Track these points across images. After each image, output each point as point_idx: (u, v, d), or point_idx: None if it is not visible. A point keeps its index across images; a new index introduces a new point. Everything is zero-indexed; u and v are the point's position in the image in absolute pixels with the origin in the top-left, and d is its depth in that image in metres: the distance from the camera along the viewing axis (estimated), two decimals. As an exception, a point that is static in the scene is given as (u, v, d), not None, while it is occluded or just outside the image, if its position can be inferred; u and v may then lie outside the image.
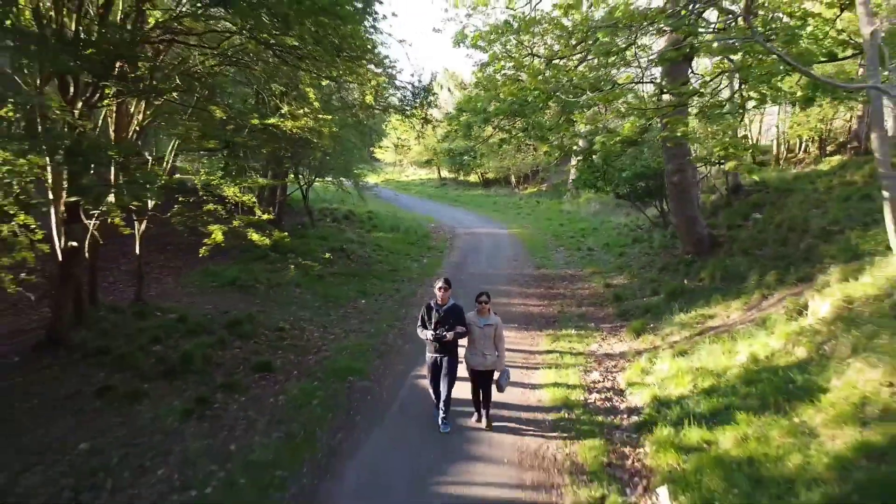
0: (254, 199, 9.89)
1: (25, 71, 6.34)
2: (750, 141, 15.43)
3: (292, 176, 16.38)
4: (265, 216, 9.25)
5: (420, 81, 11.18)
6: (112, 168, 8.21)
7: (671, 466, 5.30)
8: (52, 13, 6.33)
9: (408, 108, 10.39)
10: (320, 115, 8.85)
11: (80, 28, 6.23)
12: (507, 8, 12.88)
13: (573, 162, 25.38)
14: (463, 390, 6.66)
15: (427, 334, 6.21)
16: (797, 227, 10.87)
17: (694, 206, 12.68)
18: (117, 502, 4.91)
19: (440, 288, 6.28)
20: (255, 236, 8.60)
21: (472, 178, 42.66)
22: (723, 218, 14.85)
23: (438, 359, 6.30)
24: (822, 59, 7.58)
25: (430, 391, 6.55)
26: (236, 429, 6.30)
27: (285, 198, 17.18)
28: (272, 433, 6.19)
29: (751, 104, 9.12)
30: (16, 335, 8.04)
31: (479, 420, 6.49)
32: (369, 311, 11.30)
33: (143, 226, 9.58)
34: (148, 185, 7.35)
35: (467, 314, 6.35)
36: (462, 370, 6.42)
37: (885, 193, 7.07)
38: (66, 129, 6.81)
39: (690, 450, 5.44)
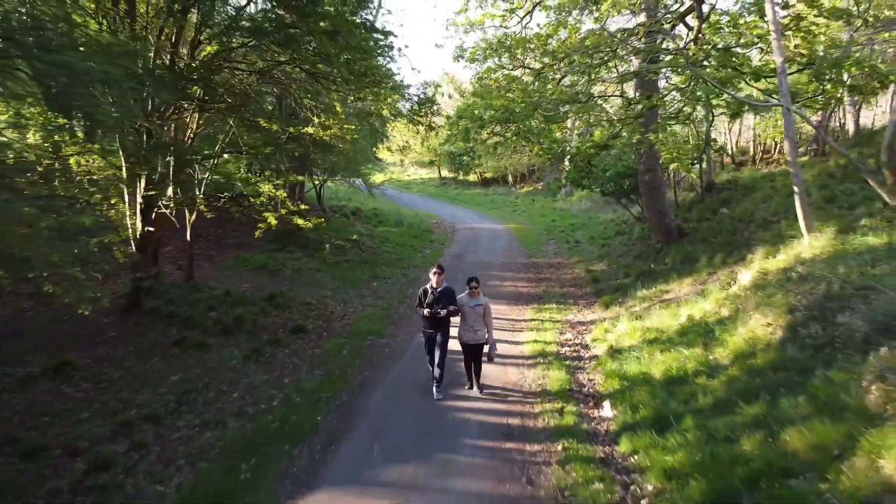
0: (285, 195, 11.75)
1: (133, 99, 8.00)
2: (717, 144, 17.19)
3: (307, 175, 18.21)
4: (303, 207, 11.09)
5: (425, 94, 12.95)
6: (171, 167, 10.05)
7: (614, 389, 7.15)
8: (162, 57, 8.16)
9: (415, 117, 12.21)
10: (345, 125, 10.71)
11: (180, 66, 8.04)
12: (500, 27, 14.78)
13: (566, 162, 27.17)
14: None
15: (424, 311, 7.15)
16: (745, 219, 12.74)
17: (663, 202, 14.53)
18: (209, 411, 6.76)
19: (435, 273, 7.32)
20: (300, 221, 10.45)
21: (472, 177, 44.47)
22: (696, 212, 16.71)
23: (433, 334, 7.26)
24: (749, 81, 9.40)
25: (428, 363, 7.47)
26: (286, 369, 8.16)
27: (304, 194, 19.03)
28: (314, 372, 8.06)
29: (698, 115, 10.94)
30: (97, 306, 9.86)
31: (470, 388, 7.41)
32: (381, 291, 13.17)
33: (192, 216, 11.41)
34: (197, 182, 9.19)
35: (459, 296, 7.28)
36: (455, 345, 7.32)
37: (796, 189, 8.94)
38: (146, 138, 8.68)
39: (629, 378, 7.29)
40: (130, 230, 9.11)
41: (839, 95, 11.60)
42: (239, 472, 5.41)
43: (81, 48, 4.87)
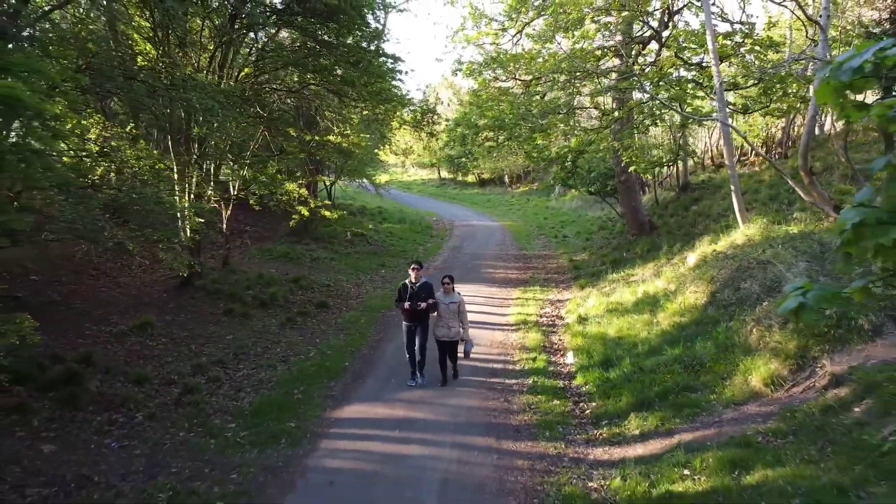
0: (307, 192, 13.67)
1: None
2: (690, 148, 19.09)
3: (321, 175, 20.15)
4: (326, 202, 13.01)
5: (427, 104, 14.86)
6: (212, 170, 11.96)
7: (577, 344, 9.08)
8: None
9: (419, 125, 14.14)
10: (361, 133, 12.62)
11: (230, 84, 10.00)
12: (493, 44, 16.71)
13: (554, 165, 29.11)
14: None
15: (405, 305, 7.43)
16: (705, 213, 14.68)
17: (637, 200, 16.47)
18: (260, 359, 8.68)
19: (413, 269, 7.67)
20: (327, 213, 12.38)
21: (470, 178, 46.40)
22: (670, 209, 18.64)
23: (413, 326, 7.57)
24: (698, 96, 11.35)
25: (406, 355, 7.70)
26: (316, 332, 10.09)
27: (317, 193, 20.96)
28: (339, 335, 9.99)
29: (667, 124, 12.89)
30: (155, 283, 11.77)
31: (443, 384, 7.61)
32: (388, 277, 15.09)
33: (228, 211, 13.31)
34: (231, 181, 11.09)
35: (436, 293, 7.54)
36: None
37: (732, 187, 10.87)
38: (197, 146, 10.60)
39: (590, 336, 9.22)
40: (187, 221, 11.02)
41: (784, 108, 13.51)
42: (293, 395, 7.35)
43: (194, 88, 6.77)
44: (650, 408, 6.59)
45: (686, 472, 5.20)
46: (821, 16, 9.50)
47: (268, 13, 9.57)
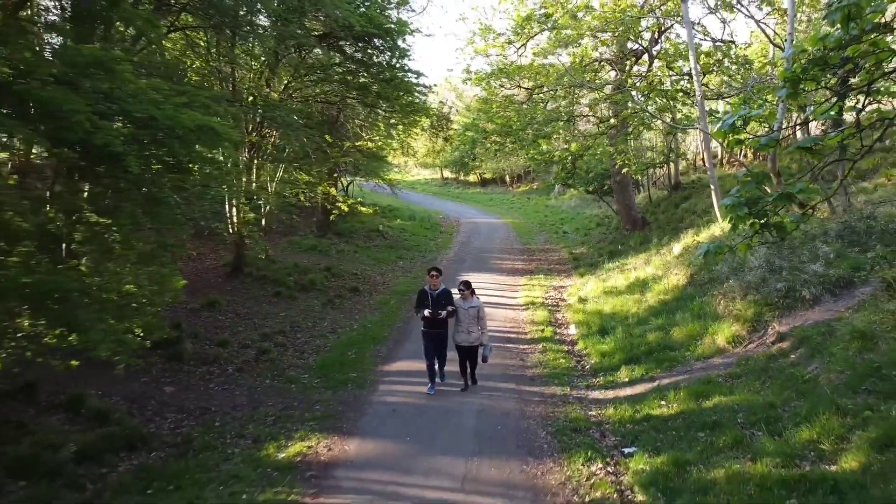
0: (335, 191, 15.31)
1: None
2: (680, 150, 20.80)
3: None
4: (360, 199, 14.68)
5: (441, 112, 16.55)
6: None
7: (578, 319, 10.76)
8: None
9: (437, 131, 15.82)
10: (387, 139, 14.29)
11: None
12: (500, 55, 18.37)
13: (555, 166, 30.81)
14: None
15: (425, 312, 7.35)
16: (692, 210, 16.40)
17: (631, 198, 18.17)
18: (313, 331, 10.33)
19: (432, 275, 7.56)
20: (362, 208, 14.03)
21: (472, 177, 48.06)
22: (662, 207, 20.37)
23: (432, 333, 7.45)
24: (686, 104, 13.05)
25: (426, 362, 7.54)
26: (354, 311, 11.76)
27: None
28: (374, 312, 11.66)
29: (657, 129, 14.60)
30: (207, 270, 13.41)
31: (464, 389, 7.57)
32: (407, 267, 16.76)
33: (267, 208, 14.94)
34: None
35: (454, 298, 7.51)
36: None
37: (712, 187, 12.57)
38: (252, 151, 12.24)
39: (589, 313, 10.91)
40: (237, 217, 12.67)
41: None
42: (348, 355, 9.02)
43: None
44: (637, 362, 8.27)
45: (662, 402, 6.89)
46: (786, 41, 11.19)
47: (313, 36, 11.19)
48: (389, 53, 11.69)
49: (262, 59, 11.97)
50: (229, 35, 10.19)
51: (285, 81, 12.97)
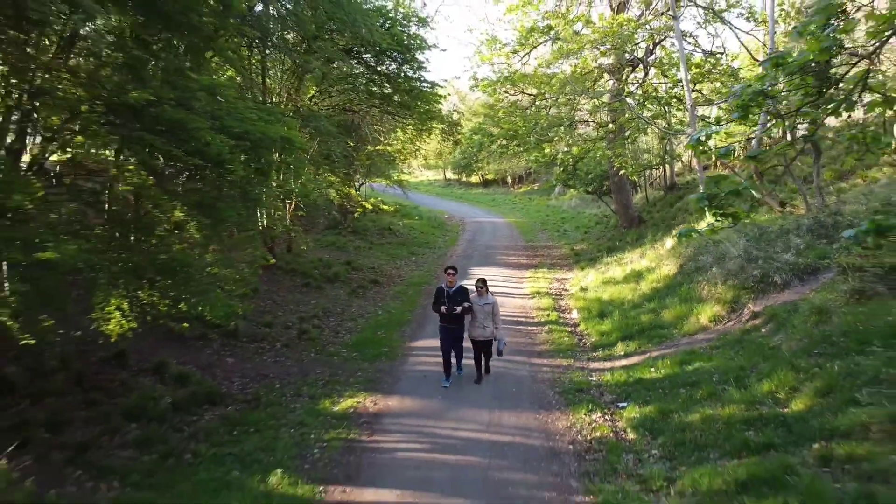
0: (355, 191, 16.55)
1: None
2: (675, 153, 22.07)
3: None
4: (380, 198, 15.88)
5: (452, 118, 17.83)
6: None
7: (580, 305, 12.00)
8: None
9: (448, 135, 17.08)
10: (406, 144, 15.55)
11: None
12: (505, 63, 19.62)
13: (556, 168, 32.07)
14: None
15: (443, 309, 7.80)
16: (684, 209, 17.66)
17: (628, 197, 19.42)
18: (343, 315, 11.56)
19: (449, 273, 8.09)
20: (384, 206, 15.23)
21: (474, 178, 49.32)
22: (658, 206, 21.65)
23: (449, 328, 7.88)
24: (680, 109, 14.31)
25: (442, 356, 7.97)
26: (377, 299, 13.00)
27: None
28: (395, 300, 12.90)
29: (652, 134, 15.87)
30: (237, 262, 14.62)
31: (478, 381, 8.01)
32: (420, 262, 18.01)
33: (291, 206, 16.18)
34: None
35: (470, 296, 7.96)
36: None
37: (701, 187, 13.81)
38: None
39: (589, 300, 12.15)
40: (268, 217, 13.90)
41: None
42: (377, 335, 10.26)
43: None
44: (631, 339, 9.51)
45: (652, 369, 8.13)
46: (765, 57, 12.43)
47: (338, 51, 12.42)
48: (408, 66, 12.92)
49: (290, 71, 13.20)
50: (262, 50, 11.42)
51: (311, 91, 14.22)
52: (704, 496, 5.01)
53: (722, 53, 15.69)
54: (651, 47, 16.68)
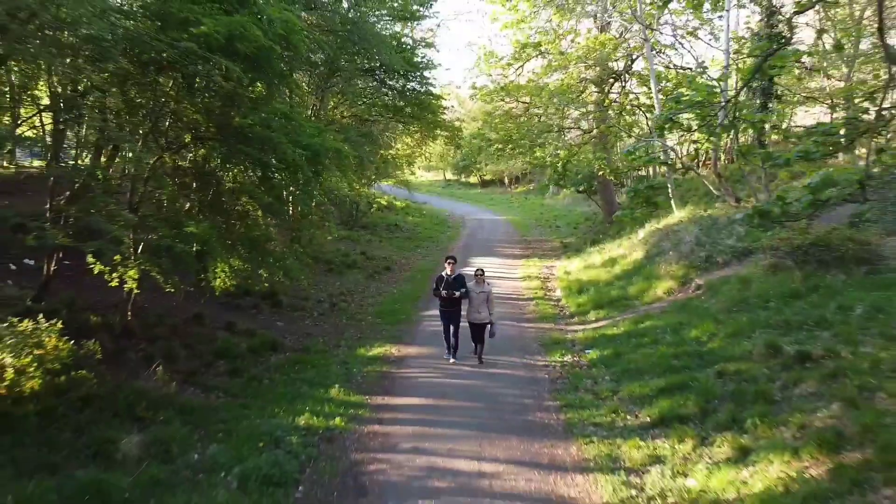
0: (367, 189, 18.75)
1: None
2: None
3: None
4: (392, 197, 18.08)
5: (454, 125, 20.09)
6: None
7: (563, 285, 14.22)
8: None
9: (451, 140, 19.31)
10: (414, 149, 17.75)
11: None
12: (501, 74, 21.86)
13: (548, 170, 34.26)
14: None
15: (443, 293, 8.75)
16: (661, 205, 19.89)
17: (612, 195, 21.65)
18: (364, 294, 13.76)
19: (449, 262, 9.10)
20: (397, 203, 17.44)
21: (473, 179, 51.52)
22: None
23: (448, 311, 8.88)
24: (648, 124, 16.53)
25: (444, 335, 9.05)
26: (390, 283, 15.22)
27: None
28: (407, 283, 15.12)
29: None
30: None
31: (474, 353, 8.97)
32: (426, 253, 20.23)
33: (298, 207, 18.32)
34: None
35: (468, 283, 8.85)
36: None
37: (669, 187, 16.06)
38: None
39: (571, 281, 14.38)
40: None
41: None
42: (395, 307, 12.49)
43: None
44: (602, 308, 11.73)
45: (615, 328, 10.33)
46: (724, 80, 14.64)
47: (358, 71, 14.61)
48: (417, 83, 15.14)
49: (313, 87, 15.40)
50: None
51: (331, 104, 16.41)
52: (636, 398, 7.22)
53: (691, 69, 17.93)
54: (630, 63, 18.93)
